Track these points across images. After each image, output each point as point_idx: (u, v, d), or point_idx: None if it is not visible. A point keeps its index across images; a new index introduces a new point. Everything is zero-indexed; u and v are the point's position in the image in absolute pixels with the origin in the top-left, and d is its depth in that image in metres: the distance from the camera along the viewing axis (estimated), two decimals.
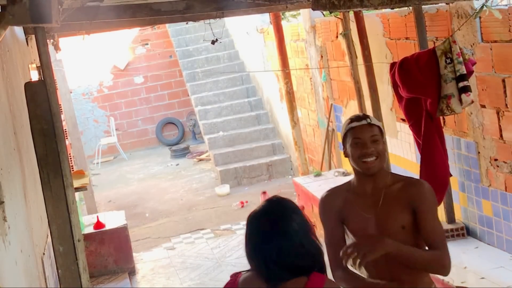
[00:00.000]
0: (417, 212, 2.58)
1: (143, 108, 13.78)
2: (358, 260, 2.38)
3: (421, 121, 4.23)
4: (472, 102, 3.93)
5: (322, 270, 2.13)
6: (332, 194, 2.79)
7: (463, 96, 3.85)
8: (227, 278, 2.25)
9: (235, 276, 2.19)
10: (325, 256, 2.20)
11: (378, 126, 2.67)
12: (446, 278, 4.08)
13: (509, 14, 3.76)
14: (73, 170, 6.54)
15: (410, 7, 4.60)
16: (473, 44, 4.16)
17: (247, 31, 10.68)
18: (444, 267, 2.60)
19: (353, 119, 2.68)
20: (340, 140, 2.86)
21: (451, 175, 4.39)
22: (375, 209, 2.63)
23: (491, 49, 4.00)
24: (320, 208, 2.78)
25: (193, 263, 6.63)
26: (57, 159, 2.46)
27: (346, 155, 2.71)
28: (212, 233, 7.54)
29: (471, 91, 3.87)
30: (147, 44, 13.65)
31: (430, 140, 4.21)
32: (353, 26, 5.55)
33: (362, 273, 2.67)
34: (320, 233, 2.53)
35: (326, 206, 2.77)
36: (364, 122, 2.64)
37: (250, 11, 5.49)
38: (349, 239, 2.71)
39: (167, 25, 12.68)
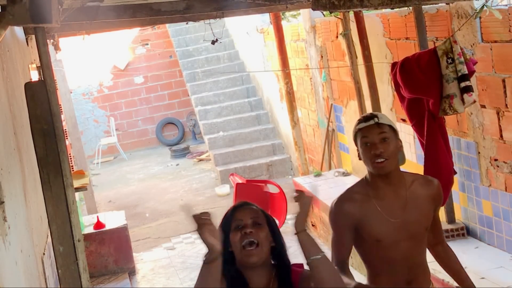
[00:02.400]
0: (435, 210, 2.65)
1: (143, 108, 13.78)
2: None
3: (423, 121, 4.22)
4: (474, 101, 3.92)
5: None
6: (348, 198, 2.63)
7: (465, 96, 3.85)
8: None
9: None
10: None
11: (389, 125, 2.58)
12: (446, 278, 4.08)
13: (509, 14, 3.76)
14: (73, 170, 6.54)
15: (410, 7, 4.59)
16: (473, 44, 4.16)
17: (247, 31, 10.67)
18: None
19: (361, 119, 2.61)
20: (340, 140, 2.86)
21: (455, 173, 4.39)
22: (402, 213, 2.56)
23: (491, 49, 4.00)
24: (332, 215, 2.64)
25: (193, 263, 6.63)
26: (57, 159, 2.46)
27: (359, 158, 2.63)
28: None
29: (473, 91, 3.87)
30: (147, 44, 13.65)
31: (433, 140, 4.21)
32: (353, 26, 5.55)
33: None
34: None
35: (343, 214, 2.60)
36: (371, 122, 2.56)
37: (250, 11, 5.49)
38: (368, 243, 2.61)
39: (167, 25, 12.67)
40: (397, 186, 2.59)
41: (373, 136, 2.54)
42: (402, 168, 2.77)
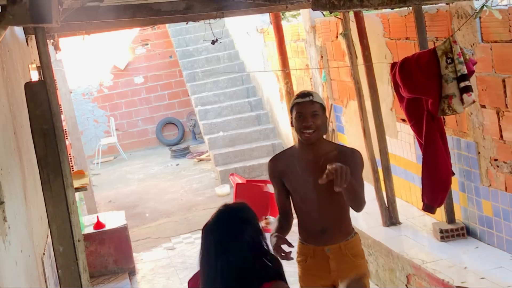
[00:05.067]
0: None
1: (143, 108, 13.78)
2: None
3: (422, 121, 4.23)
4: (474, 102, 3.93)
5: (278, 277, 2.08)
6: (277, 157, 3.33)
7: (465, 96, 3.85)
8: None
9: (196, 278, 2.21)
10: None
11: (320, 103, 3.13)
12: (446, 278, 4.08)
13: (509, 14, 3.76)
14: (73, 170, 6.54)
15: (410, 7, 4.59)
16: (473, 44, 4.16)
17: (247, 31, 10.67)
18: (362, 204, 3.13)
19: (299, 95, 3.16)
20: (340, 140, 3.00)
21: (453, 174, 4.39)
22: (314, 172, 3.10)
23: (491, 49, 4.00)
24: (268, 170, 3.32)
25: (193, 263, 6.62)
26: (57, 159, 2.46)
27: (292, 125, 3.19)
28: None
29: (472, 91, 3.87)
30: (147, 44, 13.64)
31: (432, 140, 4.21)
32: (353, 26, 5.55)
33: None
34: None
35: (271, 169, 3.30)
36: (307, 99, 3.10)
37: (250, 11, 5.48)
38: (292, 195, 3.28)
39: (167, 25, 12.67)
40: (316, 152, 3.15)
41: (306, 110, 3.09)
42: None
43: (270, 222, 6.43)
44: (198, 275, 2.22)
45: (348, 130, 6.84)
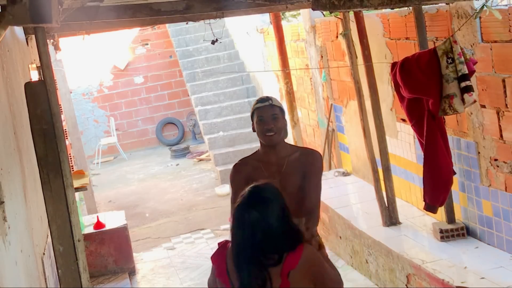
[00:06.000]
0: (305, 175, 3.27)
1: (143, 108, 13.78)
2: None
3: (423, 121, 4.22)
4: (475, 101, 3.93)
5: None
6: (243, 163, 3.41)
7: (466, 95, 3.85)
8: None
9: (225, 243, 2.46)
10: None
11: (279, 107, 3.31)
12: (446, 278, 4.08)
13: (509, 14, 3.76)
14: (73, 170, 6.54)
15: (410, 7, 4.59)
16: (473, 44, 4.16)
17: (247, 31, 10.67)
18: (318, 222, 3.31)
19: (259, 100, 3.34)
20: (340, 140, 2.99)
21: (455, 173, 4.39)
22: (279, 174, 3.28)
23: (491, 49, 4.00)
24: (232, 174, 3.39)
25: (193, 263, 6.63)
26: (57, 159, 2.46)
27: (253, 130, 3.35)
28: (212, 233, 7.54)
29: (473, 91, 3.87)
30: (147, 44, 13.64)
31: (433, 140, 4.21)
32: (353, 26, 5.55)
33: None
34: None
35: (237, 173, 3.37)
36: (267, 103, 3.29)
37: (250, 11, 5.49)
38: None
39: (167, 25, 12.67)
40: (279, 154, 3.31)
41: (266, 114, 3.26)
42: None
43: None
44: (221, 252, 2.46)
45: (348, 130, 6.84)
